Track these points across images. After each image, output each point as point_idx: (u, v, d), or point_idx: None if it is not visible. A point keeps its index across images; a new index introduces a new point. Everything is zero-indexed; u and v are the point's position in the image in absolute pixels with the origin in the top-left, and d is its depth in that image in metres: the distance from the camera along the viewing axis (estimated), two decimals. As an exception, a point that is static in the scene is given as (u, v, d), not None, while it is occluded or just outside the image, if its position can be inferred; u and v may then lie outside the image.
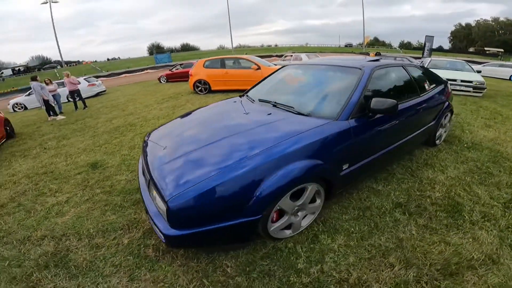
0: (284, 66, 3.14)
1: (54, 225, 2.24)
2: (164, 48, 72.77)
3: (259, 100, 2.47)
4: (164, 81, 15.38)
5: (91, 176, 3.20)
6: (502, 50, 43.97)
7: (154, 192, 1.58)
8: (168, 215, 1.41)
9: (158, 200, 1.53)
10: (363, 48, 40.81)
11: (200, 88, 8.79)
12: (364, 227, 1.88)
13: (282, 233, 1.78)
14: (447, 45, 64.09)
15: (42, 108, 7.69)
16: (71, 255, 1.85)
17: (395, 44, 71.07)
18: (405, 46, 67.40)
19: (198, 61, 9.15)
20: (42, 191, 2.92)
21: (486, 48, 48.04)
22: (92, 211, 2.43)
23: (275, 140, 1.62)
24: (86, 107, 8.96)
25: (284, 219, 1.71)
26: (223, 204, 1.44)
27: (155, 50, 62.11)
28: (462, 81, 7.19)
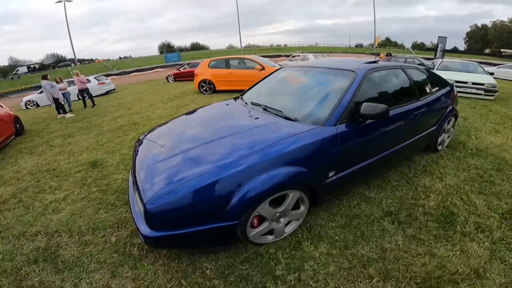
0: (281, 68, 3.12)
1: (49, 221, 2.31)
2: (174, 47, 73.82)
3: (251, 103, 2.46)
4: (171, 80, 15.59)
5: (89, 175, 3.28)
6: (518, 51, 42.20)
7: (136, 193, 1.61)
8: (146, 216, 1.45)
9: (138, 201, 1.56)
10: (373, 48, 40.04)
11: (205, 88, 8.85)
12: (350, 236, 1.84)
13: (263, 238, 1.77)
14: (462, 46, 62.24)
15: (52, 106, 7.95)
16: (60, 251, 1.92)
17: (408, 44, 69.49)
18: (418, 46, 65.79)
19: (204, 61, 9.22)
20: (43, 188, 3.02)
21: (502, 50, 46.19)
22: (86, 209, 2.49)
23: (255, 146, 1.61)
24: (95, 105, 9.18)
25: (264, 225, 1.70)
26: (200, 209, 1.45)
27: (165, 49, 63.05)
28: (473, 83, 6.94)
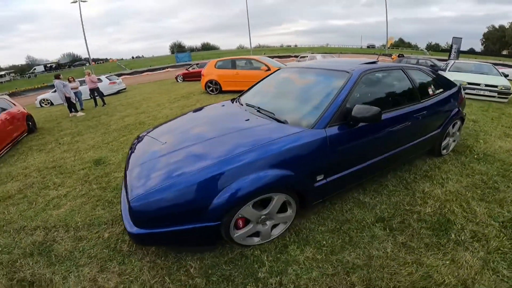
0: (280, 69, 3.11)
1: (49, 217, 2.40)
2: (185, 47, 74.98)
3: (246, 105, 2.47)
4: (180, 80, 15.81)
5: (92, 172, 3.38)
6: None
7: (124, 191, 1.66)
8: (130, 214, 1.50)
9: (125, 198, 1.60)
10: (386, 49, 39.20)
11: (211, 88, 8.93)
12: (337, 241, 1.81)
13: (249, 240, 1.77)
14: (479, 47, 60.16)
15: (64, 104, 8.24)
16: (55, 245, 1.99)
17: (422, 45, 67.65)
18: (432, 47, 63.97)
19: (210, 61, 9.30)
20: (47, 185, 3.13)
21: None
22: (85, 205, 2.57)
23: (239, 148, 1.62)
24: (105, 104, 9.45)
25: (248, 227, 1.70)
26: (182, 209, 1.47)
27: (176, 49, 64.00)
28: (487, 85, 6.68)
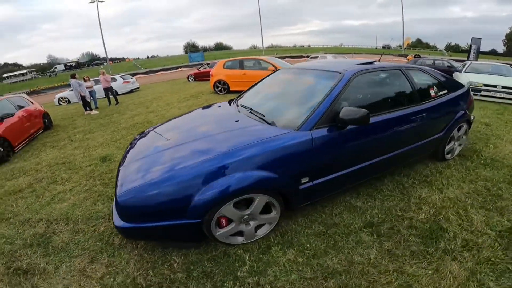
0: (278, 70, 3.12)
1: (53, 210, 2.54)
2: (199, 47, 76.13)
3: (241, 105, 2.50)
4: (192, 79, 16.07)
5: (98, 169, 3.53)
6: None
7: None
8: (117, 208, 1.59)
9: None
10: (402, 50, 38.05)
11: (219, 88, 9.04)
12: (322, 245, 1.80)
13: (233, 239, 1.81)
14: (501, 48, 57.19)
15: (80, 103, 8.61)
16: (53, 237, 2.12)
17: (441, 46, 65.08)
18: (452, 48, 61.40)
19: (219, 61, 9.41)
20: (55, 180, 3.31)
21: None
22: (86, 200, 2.70)
23: (222, 149, 1.66)
24: (118, 103, 9.79)
25: (231, 226, 1.73)
26: (165, 205, 1.54)
27: (190, 49, 65.10)
28: (504, 87, 6.35)
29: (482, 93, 6.45)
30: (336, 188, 2.12)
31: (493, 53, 45.23)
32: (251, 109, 2.28)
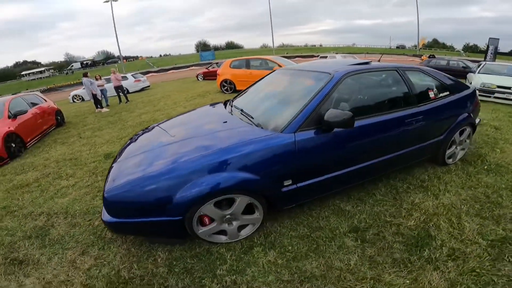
0: (275, 71, 3.12)
1: (54, 204, 2.68)
2: (210, 45, 76.76)
3: (234, 106, 2.53)
4: (201, 78, 16.27)
5: (101, 165, 3.67)
6: None
7: None
8: (104, 203, 1.68)
9: None
10: (417, 50, 36.91)
11: (226, 87, 9.12)
12: (303, 248, 1.80)
13: (216, 237, 1.85)
14: (522, 49, 54.17)
15: (91, 101, 8.92)
16: (51, 230, 2.24)
17: (459, 46, 62.53)
18: (470, 49, 58.89)
19: (226, 61, 9.48)
20: (61, 175, 3.47)
21: None
22: (87, 195, 2.82)
23: (205, 149, 1.70)
24: (128, 101, 10.06)
25: (213, 225, 1.78)
26: (148, 202, 1.61)
27: (201, 47, 65.80)
28: (519, 89, 6.07)
29: (496, 95, 6.18)
30: (322, 191, 2.10)
31: (512, 53, 42.90)
32: (241, 110, 2.31)
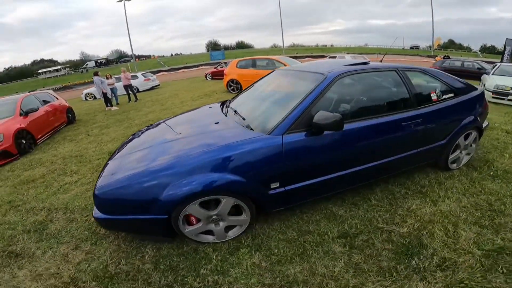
0: (273, 71, 3.11)
1: (56, 200, 2.78)
2: (221, 45, 77.30)
3: (230, 107, 2.55)
4: (209, 78, 16.40)
5: (104, 163, 3.77)
6: None
7: None
8: (94, 200, 1.74)
9: None
10: (431, 51, 35.80)
11: (232, 87, 9.16)
12: (290, 252, 1.79)
13: (203, 237, 1.88)
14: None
15: (102, 99, 9.18)
16: (50, 225, 2.33)
17: (476, 47, 60.22)
18: (488, 50, 56.56)
19: (232, 61, 9.52)
20: (65, 171, 3.59)
21: None
22: (87, 192, 2.91)
23: (192, 150, 1.74)
24: (137, 100, 10.29)
25: (199, 224, 1.80)
26: (135, 200, 1.65)
27: (211, 47, 66.32)
28: (536, 91, 5.79)
29: (510, 97, 5.91)
30: (312, 195, 2.07)
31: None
32: (235, 111, 2.32)
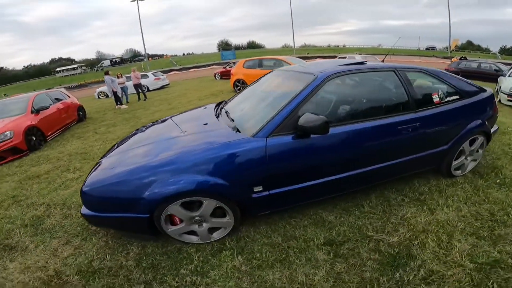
0: (271, 72, 3.08)
1: (56, 196, 2.88)
2: (232, 45, 77.64)
3: (223, 108, 2.54)
4: (218, 77, 16.53)
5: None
6: None
7: None
8: (81, 196, 1.80)
9: None
10: (448, 52, 34.54)
11: (239, 87, 9.18)
12: (271, 257, 1.76)
13: (187, 237, 1.89)
14: None
15: (112, 98, 9.45)
16: (46, 220, 2.41)
17: (495, 48, 57.65)
18: (507, 51, 54.07)
19: (239, 61, 9.55)
20: (69, 168, 3.71)
21: None
22: (86, 189, 2.99)
23: (176, 151, 1.76)
24: (146, 98, 10.51)
25: (181, 225, 1.81)
26: (118, 199, 1.69)
27: (222, 47, 66.77)
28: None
29: (527, 100, 5.60)
30: (299, 200, 2.03)
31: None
32: (227, 112, 2.32)
